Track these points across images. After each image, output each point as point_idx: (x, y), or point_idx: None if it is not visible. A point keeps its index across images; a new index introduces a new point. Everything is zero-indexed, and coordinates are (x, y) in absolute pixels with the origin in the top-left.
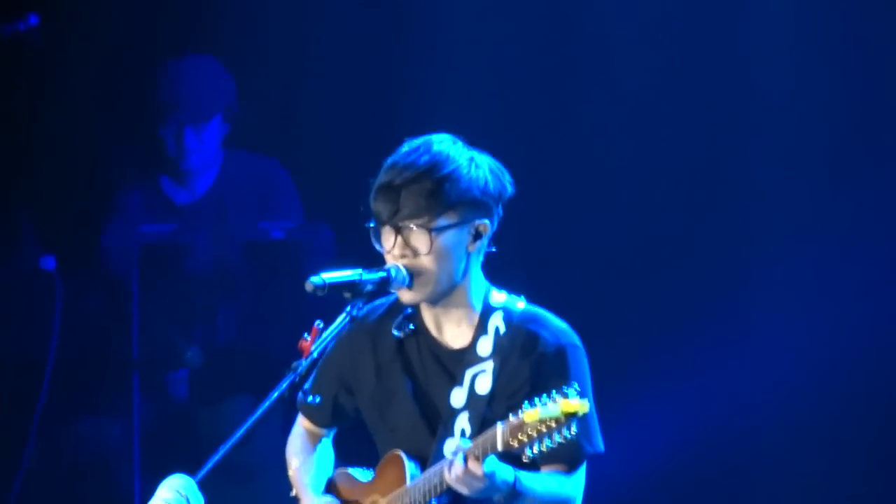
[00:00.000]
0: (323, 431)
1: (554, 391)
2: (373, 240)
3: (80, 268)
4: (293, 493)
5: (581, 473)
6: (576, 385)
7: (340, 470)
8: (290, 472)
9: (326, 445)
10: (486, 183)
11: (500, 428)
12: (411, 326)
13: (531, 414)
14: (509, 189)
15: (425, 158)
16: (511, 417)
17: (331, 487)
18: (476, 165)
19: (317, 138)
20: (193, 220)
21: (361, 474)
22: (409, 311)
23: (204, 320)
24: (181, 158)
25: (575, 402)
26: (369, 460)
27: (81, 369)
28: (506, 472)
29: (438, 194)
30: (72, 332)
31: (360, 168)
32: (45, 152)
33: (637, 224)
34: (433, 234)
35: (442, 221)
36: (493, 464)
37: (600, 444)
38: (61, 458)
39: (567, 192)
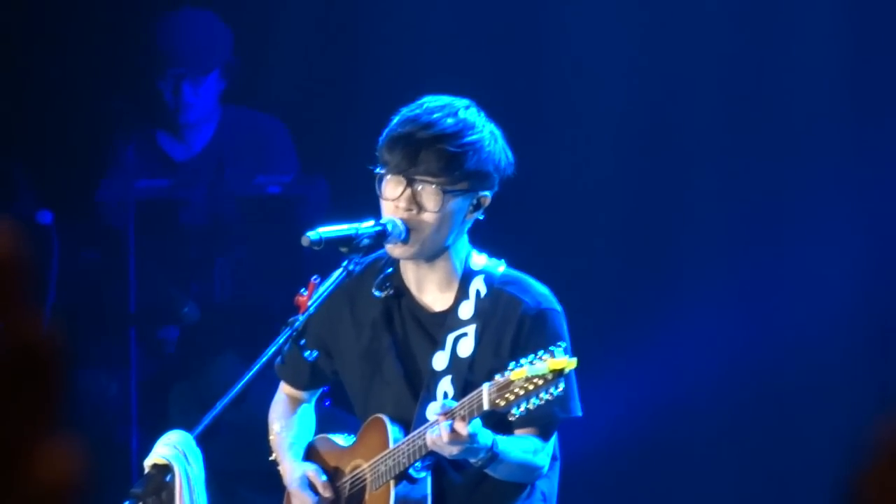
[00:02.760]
0: (303, 395)
1: (541, 350)
2: (377, 185)
3: (76, 222)
4: (272, 456)
5: (553, 441)
6: (562, 343)
7: (321, 436)
8: (271, 437)
9: (307, 410)
10: (499, 159)
11: (486, 388)
12: (391, 290)
13: (518, 372)
14: (511, 169)
15: (451, 121)
16: (497, 377)
17: (311, 452)
18: (495, 140)
19: (311, 92)
20: (190, 176)
21: (343, 439)
22: (390, 271)
23: (200, 276)
24: (178, 112)
25: (562, 360)
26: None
27: (78, 324)
28: (485, 436)
29: (460, 160)
30: (68, 287)
31: (355, 121)
32: (41, 105)
33: (613, 190)
34: (445, 195)
35: (457, 186)
36: (476, 426)
37: (577, 410)
38: None
39: (548, 160)
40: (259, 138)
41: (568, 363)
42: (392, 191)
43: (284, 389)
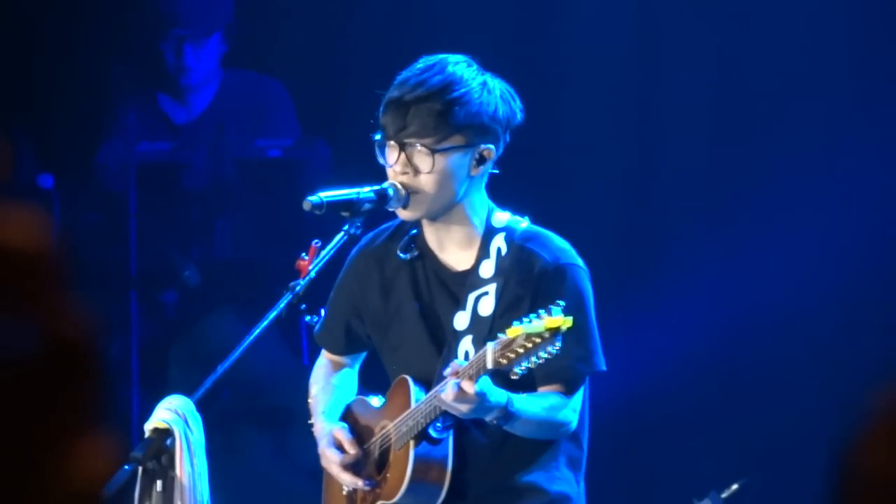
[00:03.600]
0: (345, 360)
1: (541, 309)
2: (377, 152)
3: (77, 186)
4: (310, 420)
5: (579, 396)
6: (561, 302)
7: (357, 398)
8: (309, 400)
9: (348, 375)
10: (495, 109)
11: (490, 347)
12: (415, 252)
13: (515, 330)
14: (519, 116)
15: (438, 78)
16: (500, 336)
17: (347, 415)
18: (488, 90)
19: (313, 55)
20: (191, 139)
21: (378, 400)
22: (414, 232)
23: (201, 239)
24: (180, 74)
25: (558, 318)
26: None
27: (79, 288)
28: (498, 395)
29: (447, 116)
30: (69, 251)
31: (356, 85)
32: (42, 68)
33: (639, 147)
34: (437, 154)
35: (447, 143)
36: (485, 384)
37: (601, 364)
38: None
39: (574, 115)
40: (260, 102)
41: (563, 321)
42: (389, 157)
43: (325, 354)
